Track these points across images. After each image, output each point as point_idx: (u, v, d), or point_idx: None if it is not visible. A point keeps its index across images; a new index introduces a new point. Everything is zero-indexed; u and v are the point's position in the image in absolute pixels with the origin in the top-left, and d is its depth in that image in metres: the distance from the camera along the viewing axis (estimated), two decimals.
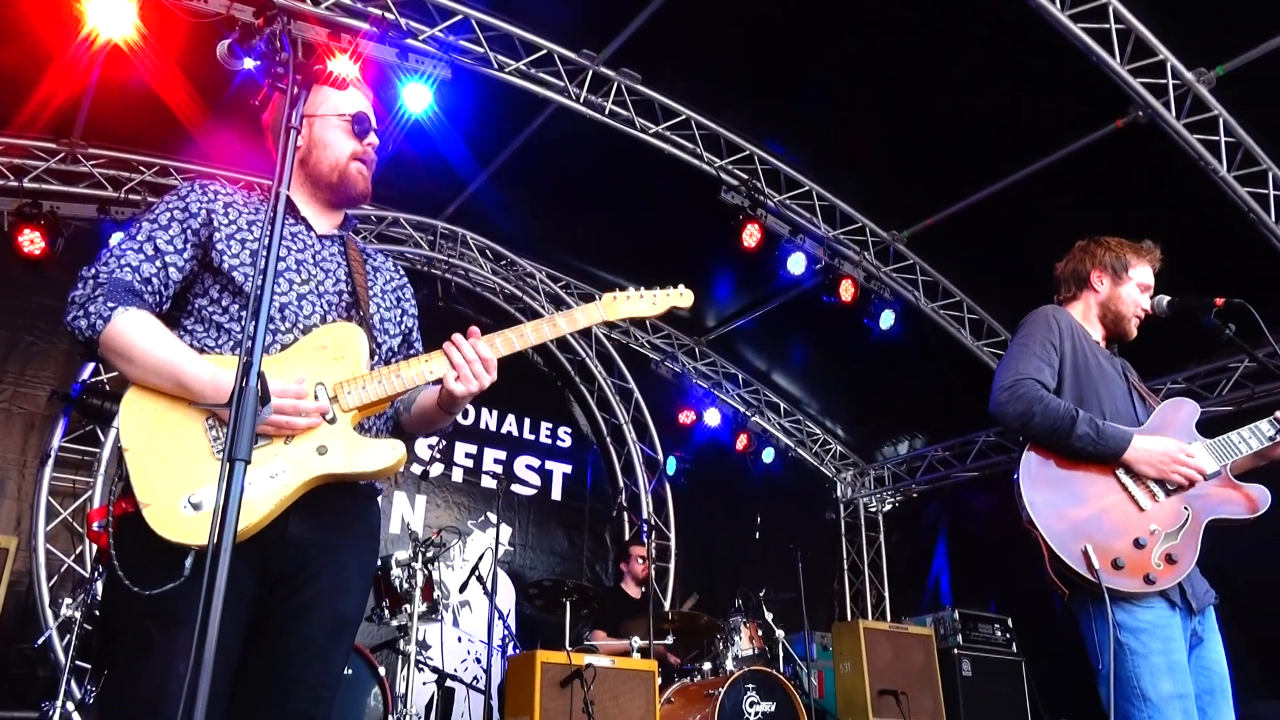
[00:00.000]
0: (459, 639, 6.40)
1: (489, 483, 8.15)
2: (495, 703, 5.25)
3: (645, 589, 6.44)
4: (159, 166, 6.92)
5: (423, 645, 5.23)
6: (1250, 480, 2.69)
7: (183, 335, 1.98)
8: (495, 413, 8.58)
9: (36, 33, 5.40)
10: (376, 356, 2.18)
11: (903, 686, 6.43)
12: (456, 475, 8.12)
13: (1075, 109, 5.99)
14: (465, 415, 8.28)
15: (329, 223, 2.29)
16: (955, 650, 7.05)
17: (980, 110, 6.20)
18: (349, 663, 4.37)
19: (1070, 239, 3.14)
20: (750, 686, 5.35)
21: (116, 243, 2.02)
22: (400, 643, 5.04)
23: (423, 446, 7.02)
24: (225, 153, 6.75)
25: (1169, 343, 6.59)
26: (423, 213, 8.10)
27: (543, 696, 4.76)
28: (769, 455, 9.90)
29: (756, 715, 5.30)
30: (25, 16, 5.33)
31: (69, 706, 4.64)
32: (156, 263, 2.00)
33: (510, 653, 5.86)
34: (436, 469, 7.83)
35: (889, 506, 10.47)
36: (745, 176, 7.26)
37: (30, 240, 6.35)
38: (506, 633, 6.01)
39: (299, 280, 2.11)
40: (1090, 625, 2.50)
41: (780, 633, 6.33)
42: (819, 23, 5.94)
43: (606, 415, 9.22)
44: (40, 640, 5.70)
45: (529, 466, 8.65)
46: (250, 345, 1.57)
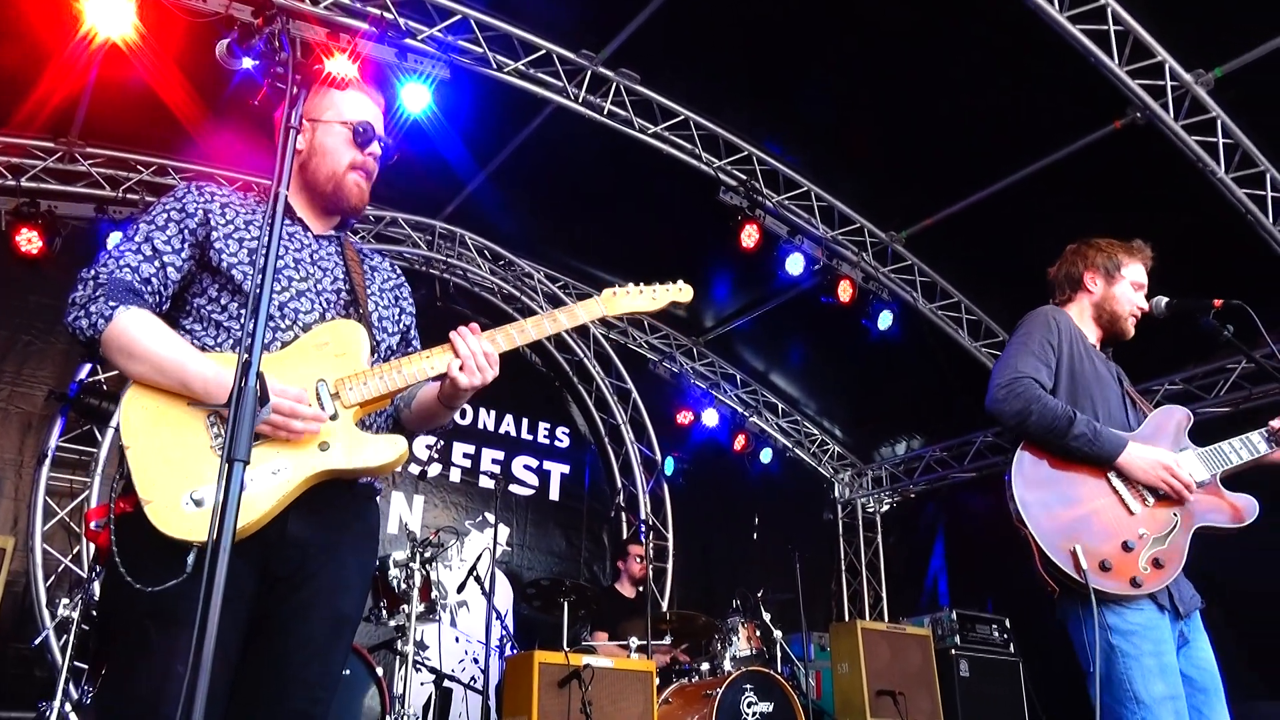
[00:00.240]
0: (457, 639, 6.40)
1: (487, 483, 8.15)
2: (493, 703, 5.25)
3: (642, 589, 6.45)
4: (157, 166, 6.91)
5: (420, 645, 5.24)
6: (1237, 486, 2.71)
7: (182, 334, 1.98)
8: (493, 413, 8.58)
9: (35, 31, 5.39)
10: (376, 355, 2.17)
11: (900, 687, 6.43)
12: (454, 475, 8.12)
13: (1073, 110, 6.00)
14: (463, 415, 8.28)
15: (326, 225, 2.28)
16: (953, 651, 7.04)
17: (979, 111, 6.21)
18: (347, 663, 4.37)
19: (1068, 240, 3.16)
20: (748, 687, 5.35)
21: (114, 244, 2.03)
22: (398, 643, 5.04)
23: (420, 446, 7.01)
24: (224, 152, 6.74)
25: (1167, 344, 6.59)
26: (421, 213, 8.10)
27: (540, 697, 4.77)
28: (767, 455, 9.90)
29: (754, 716, 5.30)
30: (24, 15, 5.32)
31: (66, 707, 4.63)
32: (155, 263, 2.00)
33: (508, 653, 5.86)
34: (434, 469, 7.82)
35: (887, 507, 10.48)
36: (744, 177, 7.27)
37: (28, 240, 6.34)
38: (504, 633, 6.02)
39: (298, 278, 2.11)
40: (1080, 628, 2.52)
41: (778, 633, 6.33)
42: (817, 23, 5.95)
43: (604, 415, 9.22)
44: (37, 640, 5.69)
45: (527, 466, 8.65)
46: (250, 344, 1.57)
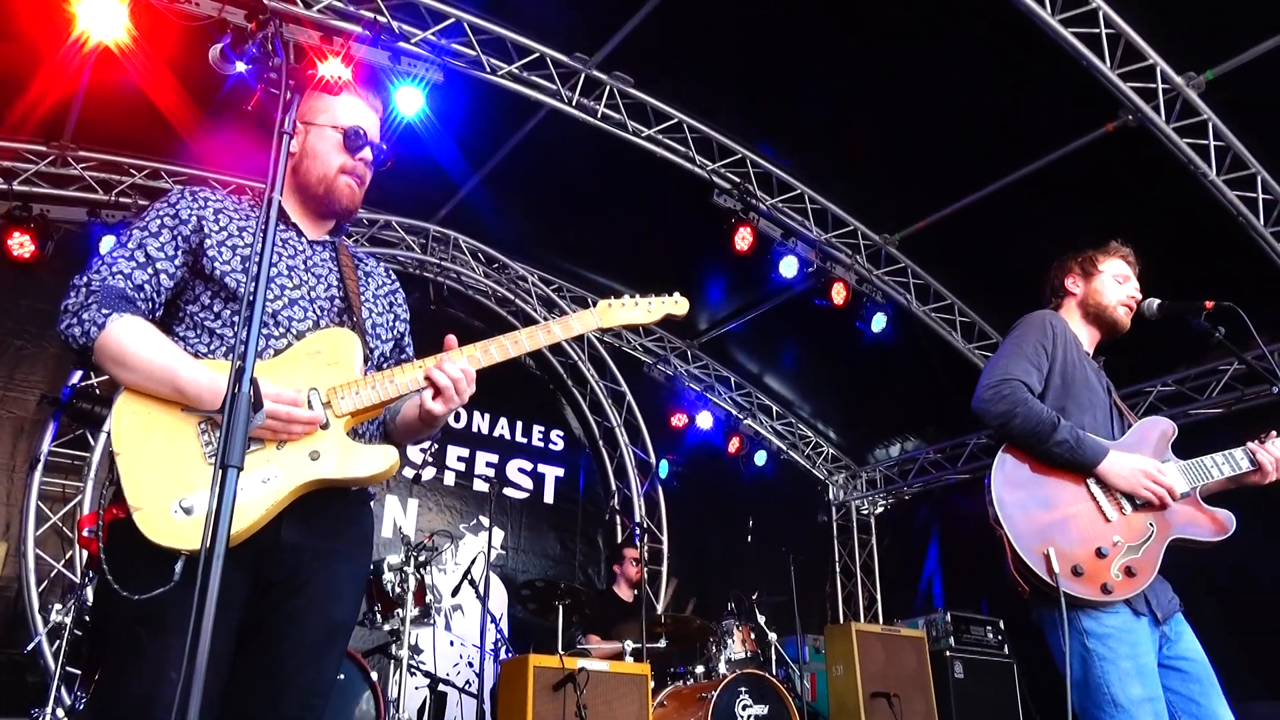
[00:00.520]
0: (451, 643, 6.39)
1: (481, 486, 8.14)
2: (488, 707, 5.24)
3: (638, 591, 6.44)
4: (150, 169, 6.89)
5: (415, 649, 5.22)
6: (1219, 504, 2.71)
7: (176, 341, 1.97)
8: (487, 416, 8.57)
9: (27, 34, 5.38)
10: (369, 362, 2.17)
11: (895, 689, 6.43)
12: (449, 479, 8.11)
13: (1065, 113, 6.02)
14: (457, 419, 8.27)
15: (320, 229, 2.28)
16: (947, 652, 7.04)
17: (971, 114, 6.22)
18: (341, 668, 4.36)
19: (1061, 242, 3.18)
20: (743, 689, 5.35)
21: (107, 250, 2.01)
22: (392, 647, 5.03)
23: (414, 450, 7.01)
24: (217, 156, 6.73)
25: (1159, 346, 6.63)
26: (415, 216, 8.09)
27: (535, 701, 4.76)
28: (761, 458, 9.89)
29: (749, 718, 5.30)
30: (16, 18, 5.31)
31: (59, 713, 4.61)
32: (148, 269, 1.99)
33: (503, 657, 5.86)
34: (428, 472, 7.81)
35: (881, 509, 10.48)
36: (737, 180, 7.27)
37: (20, 243, 6.31)
38: (499, 636, 6.01)
39: (291, 285, 2.11)
40: (1056, 633, 2.53)
41: (772, 635, 6.34)
42: (811, 27, 5.96)
43: (599, 418, 9.22)
44: (30, 646, 5.67)
45: (521, 470, 8.65)
46: (243, 351, 1.57)
